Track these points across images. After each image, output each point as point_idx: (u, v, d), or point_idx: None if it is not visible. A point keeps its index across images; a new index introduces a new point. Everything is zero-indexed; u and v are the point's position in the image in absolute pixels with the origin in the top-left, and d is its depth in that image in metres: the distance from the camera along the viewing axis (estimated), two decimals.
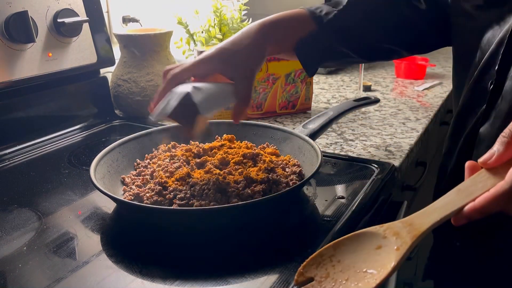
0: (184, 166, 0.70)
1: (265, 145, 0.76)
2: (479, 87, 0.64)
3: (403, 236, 0.42)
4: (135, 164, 0.73)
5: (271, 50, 0.68)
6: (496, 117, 0.61)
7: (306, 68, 0.73)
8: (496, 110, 0.61)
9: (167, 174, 0.67)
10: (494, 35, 0.62)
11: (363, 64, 1.14)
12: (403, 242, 0.41)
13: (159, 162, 0.71)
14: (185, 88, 0.59)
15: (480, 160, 0.44)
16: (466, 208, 0.42)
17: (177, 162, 0.71)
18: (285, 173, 0.67)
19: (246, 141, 0.76)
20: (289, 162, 0.71)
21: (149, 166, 0.71)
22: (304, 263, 0.43)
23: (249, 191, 0.61)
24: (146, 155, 0.75)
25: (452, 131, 0.71)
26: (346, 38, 0.72)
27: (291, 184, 0.64)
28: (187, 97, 0.57)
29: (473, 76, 0.66)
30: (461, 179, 0.48)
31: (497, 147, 0.43)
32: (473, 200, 0.42)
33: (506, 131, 0.43)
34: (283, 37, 0.69)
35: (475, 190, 0.43)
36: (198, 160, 0.72)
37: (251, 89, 0.63)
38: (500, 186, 0.41)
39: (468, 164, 0.45)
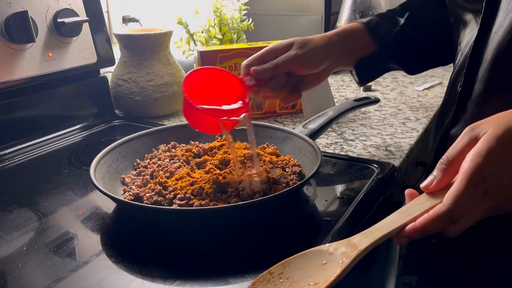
0: (184, 166, 0.70)
1: (265, 145, 0.76)
2: (454, 90, 0.65)
3: (347, 252, 0.45)
4: (135, 164, 0.73)
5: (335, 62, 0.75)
6: (466, 120, 0.61)
7: (360, 82, 0.80)
8: (466, 113, 0.62)
9: (167, 174, 0.67)
10: (472, 36, 0.62)
11: None
12: (347, 256, 0.44)
13: (159, 162, 0.71)
14: None
15: (422, 185, 0.47)
16: (408, 227, 0.45)
17: (177, 162, 0.71)
18: (285, 173, 0.67)
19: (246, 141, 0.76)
20: (289, 162, 0.71)
21: (149, 166, 0.71)
22: (254, 280, 0.45)
23: (249, 191, 0.61)
24: (146, 155, 0.75)
25: (433, 131, 0.73)
26: (400, 57, 0.79)
27: (291, 184, 0.64)
28: None
29: (450, 79, 0.67)
30: None
31: (436, 173, 0.46)
32: (413, 220, 0.45)
33: (443, 158, 0.46)
34: (346, 54, 0.76)
35: (414, 210, 0.46)
36: (198, 160, 0.72)
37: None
38: (438, 208, 0.43)
39: (407, 191, 0.49)
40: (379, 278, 0.77)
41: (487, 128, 0.44)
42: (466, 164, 0.43)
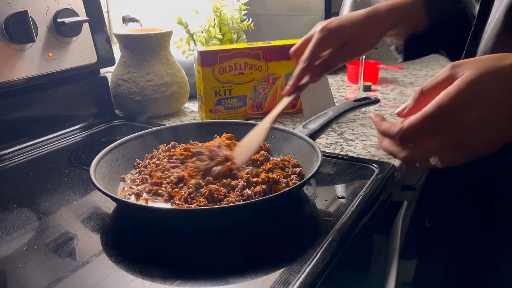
0: (180, 167, 0.70)
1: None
2: None
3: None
4: (135, 163, 0.73)
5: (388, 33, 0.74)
6: None
7: (405, 59, 0.79)
8: None
9: (164, 174, 0.67)
10: None
11: (363, 64, 1.14)
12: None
13: (157, 162, 0.71)
14: None
15: (396, 111, 0.53)
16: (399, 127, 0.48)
17: (175, 162, 0.70)
18: (285, 173, 0.67)
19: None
20: (289, 162, 0.71)
21: (148, 166, 0.71)
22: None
23: (249, 192, 0.61)
24: (146, 155, 0.75)
25: None
26: (450, 42, 0.75)
27: (291, 184, 0.64)
28: None
29: None
30: (440, 179, 0.58)
31: (409, 102, 0.51)
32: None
33: (419, 88, 0.49)
34: (402, 30, 0.74)
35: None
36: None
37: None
38: (425, 108, 0.46)
39: (374, 114, 0.54)
40: (379, 278, 0.77)
41: (465, 71, 0.45)
42: (434, 100, 0.45)
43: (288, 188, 0.62)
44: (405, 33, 0.76)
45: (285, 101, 0.70)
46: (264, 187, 0.62)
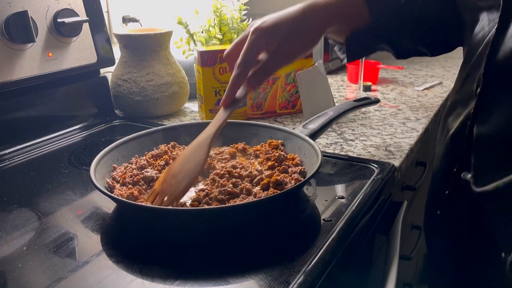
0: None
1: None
2: (465, 89, 0.64)
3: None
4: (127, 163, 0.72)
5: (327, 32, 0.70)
6: (493, 121, 0.60)
7: (348, 58, 0.75)
8: (492, 114, 0.60)
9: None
10: (483, 36, 0.61)
11: (363, 64, 1.14)
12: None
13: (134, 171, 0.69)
14: None
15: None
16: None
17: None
18: (287, 175, 0.67)
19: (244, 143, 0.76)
20: (293, 160, 0.70)
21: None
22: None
23: (262, 193, 0.61)
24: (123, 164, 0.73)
25: (439, 134, 0.72)
26: (393, 37, 0.73)
27: (293, 183, 0.64)
28: None
29: (461, 78, 0.66)
30: (450, 181, 0.55)
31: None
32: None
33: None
34: (342, 25, 0.71)
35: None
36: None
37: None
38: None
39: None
40: (379, 278, 0.77)
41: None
42: None
43: (288, 188, 0.62)
44: (346, 30, 0.72)
45: (222, 115, 0.64)
46: (274, 191, 0.61)
